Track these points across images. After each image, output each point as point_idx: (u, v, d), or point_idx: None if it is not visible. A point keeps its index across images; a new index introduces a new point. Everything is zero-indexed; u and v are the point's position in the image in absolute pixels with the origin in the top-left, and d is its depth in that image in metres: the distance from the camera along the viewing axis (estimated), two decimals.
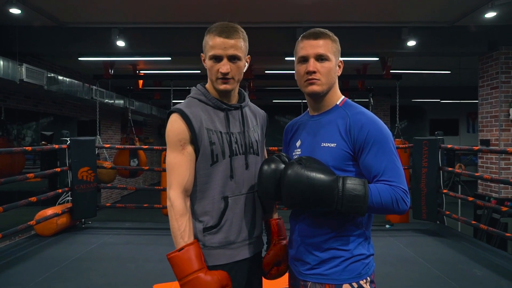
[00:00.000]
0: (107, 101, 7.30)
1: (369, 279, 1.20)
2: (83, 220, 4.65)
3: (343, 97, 1.31)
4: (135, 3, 4.66)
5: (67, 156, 4.41)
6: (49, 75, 5.48)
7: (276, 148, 4.67)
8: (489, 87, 5.53)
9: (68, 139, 4.42)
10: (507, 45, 5.27)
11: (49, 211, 4.10)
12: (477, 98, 5.87)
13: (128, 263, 3.35)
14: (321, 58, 1.23)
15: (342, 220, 1.19)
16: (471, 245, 3.84)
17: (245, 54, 1.32)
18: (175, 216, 1.22)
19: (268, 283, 1.48)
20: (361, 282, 1.18)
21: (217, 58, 1.26)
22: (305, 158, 1.16)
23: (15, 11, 4.65)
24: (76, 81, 6.40)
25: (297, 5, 4.70)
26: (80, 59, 6.32)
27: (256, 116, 1.45)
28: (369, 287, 1.19)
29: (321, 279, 1.19)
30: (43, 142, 8.10)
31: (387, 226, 4.65)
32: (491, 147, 5.25)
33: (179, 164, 1.24)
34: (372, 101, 7.43)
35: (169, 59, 6.10)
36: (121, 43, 5.36)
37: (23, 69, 4.79)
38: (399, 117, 6.57)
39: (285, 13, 5.02)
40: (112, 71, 7.07)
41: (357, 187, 1.09)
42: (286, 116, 13.75)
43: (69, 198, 4.49)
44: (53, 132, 8.49)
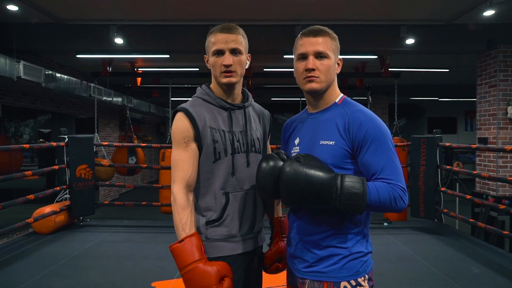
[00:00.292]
0: (105, 98, 7.28)
1: (367, 276, 1.20)
2: (81, 218, 4.64)
3: (342, 95, 1.31)
4: (133, 0, 4.64)
5: (65, 153, 4.40)
6: (46, 73, 5.46)
7: (275, 146, 4.67)
8: (487, 85, 5.54)
9: (66, 136, 4.41)
10: (506, 43, 5.28)
11: (47, 209, 4.09)
12: (475, 96, 5.88)
13: (126, 261, 3.35)
14: (320, 55, 1.23)
15: (340, 218, 1.19)
16: (469, 243, 3.85)
17: (246, 50, 1.38)
18: (177, 209, 1.27)
19: (267, 280, 1.49)
20: (359, 279, 1.18)
21: (219, 52, 1.32)
22: (304, 155, 1.16)
23: (12, 7, 4.63)
24: (74, 79, 6.38)
25: (296, 3, 4.69)
26: (78, 56, 6.29)
27: (259, 115, 1.49)
28: (367, 284, 1.19)
29: (319, 276, 1.19)
30: (41, 139, 8.09)
31: (385, 224, 4.66)
32: (489, 145, 5.26)
33: (183, 160, 1.30)
34: (370, 99, 7.43)
35: (168, 56, 6.08)
36: (119, 41, 5.34)
37: (21, 66, 4.77)
38: (398, 115, 6.58)
39: (284, 11, 5.01)
40: (110, 69, 7.05)
41: (356, 185, 1.09)
42: (284, 114, 13.75)
43: (67, 195, 4.48)
44: (51, 129, 8.47)
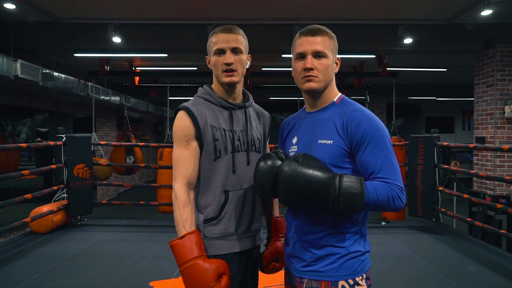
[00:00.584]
0: (103, 97, 7.26)
1: (365, 276, 1.20)
2: (79, 217, 4.63)
3: (340, 94, 1.31)
4: None
5: (62, 153, 4.39)
6: (44, 71, 5.44)
7: (273, 145, 4.66)
8: (485, 85, 5.56)
9: (63, 135, 4.40)
10: (503, 43, 5.29)
11: (45, 208, 4.08)
12: (472, 95, 5.90)
13: (124, 260, 3.34)
14: (319, 55, 1.22)
15: (338, 217, 1.19)
16: (466, 242, 3.86)
17: (247, 51, 1.42)
18: (178, 206, 1.29)
19: (265, 279, 1.49)
20: (357, 279, 1.18)
21: (221, 51, 1.35)
22: (302, 155, 1.16)
23: (9, 6, 4.61)
24: (71, 78, 6.36)
25: (294, 2, 4.69)
26: (75, 55, 6.27)
27: (259, 116, 1.51)
28: (364, 284, 1.19)
29: (317, 276, 1.19)
30: (38, 138, 8.06)
31: (383, 223, 4.67)
32: (486, 145, 5.28)
33: (184, 158, 1.32)
34: (368, 98, 7.44)
35: (166, 55, 6.07)
36: (117, 39, 5.32)
37: (18, 65, 4.75)
38: (396, 114, 6.59)
39: (282, 10, 5.01)
40: (108, 68, 7.03)
41: (354, 184, 1.09)
42: (283, 113, 13.75)
43: (65, 195, 4.46)
44: (49, 128, 8.44)
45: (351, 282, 1.17)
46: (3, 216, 5.59)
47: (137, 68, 8.26)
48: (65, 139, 4.37)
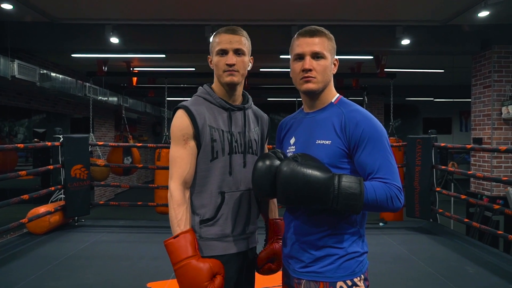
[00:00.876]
0: (100, 98, 7.25)
1: (363, 276, 1.20)
2: (76, 218, 4.61)
3: (338, 95, 1.31)
4: None
5: (60, 153, 4.38)
6: (41, 72, 5.42)
7: (271, 146, 4.67)
8: (482, 86, 5.58)
9: (61, 136, 4.39)
10: (500, 44, 5.31)
11: (42, 209, 4.06)
12: (470, 96, 5.92)
13: (121, 261, 3.33)
14: (317, 56, 1.23)
15: (336, 218, 1.19)
16: (464, 243, 3.87)
17: (249, 53, 1.42)
18: (173, 205, 1.28)
19: (263, 280, 1.49)
20: (355, 279, 1.18)
21: (223, 52, 1.35)
22: (301, 155, 1.16)
23: (6, 6, 4.59)
24: (69, 78, 6.34)
25: (292, 3, 4.69)
26: (73, 55, 6.26)
27: (258, 118, 1.51)
28: (363, 284, 1.19)
29: (315, 277, 1.19)
30: (36, 139, 8.03)
31: (381, 224, 4.67)
32: (484, 146, 5.29)
33: (181, 157, 1.31)
34: (366, 99, 7.46)
35: (164, 56, 6.06)
36: (114, 40, 5.31)
37: (15, 66, 4.74)
38: (393, 115, 6.61)
39: (280, 11, 5.01)
40: (105, 68, 7.02)
41: (353, 185, 1.09)
42: (281, 114, 13.75)
43: (62, 196, 4.45)
44: (46, 129, 8.42)
45: (349, 283, 1.17)
46: (0, 217, 5.56)
47: (135, 68, 8.24)
48: (62, 139, 4.36)
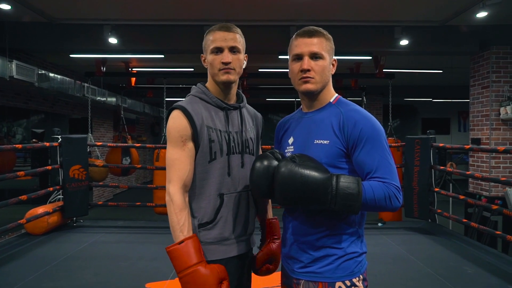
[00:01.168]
0: (99, 98, 7.24)
1: (361, 277, 1.20)
2: (75, 218, 4.60)
3: (337, 94, 1.31)
4: None
5: (58, 154, 4.37)
6: (39, 72, 5.41)
7: (269, 146, 4.66)
8: (480, 87, 5.59)
9: (59, 136, 4.38)
10: (498, 45, 5.33)
11: (40, 210, 4.05)
12: (468, 97, 5.93)
13: (120, 262, 3.33)
14: (315, 56, 1.23)
15: (335, 218, 1.19)
16: (462, 243, 3.88)
17: (244, 50, 1.38)
18: (175, 210, 1.23)
19: (262, 280, 1.49)
20: (354, 280, 1.18)
21: (218, 50, 1.31)
22: (299, 155, 1.16)
23: (4, 6, 4.58)
24: (67, 78, 6.33)
25: (291, 4, 4.69)
26: (71, 56, 6.24)
27: (253, 117, 1.49)
28: (361, 285, 1.19)
29: (314, 277, 1.19)
30: (34, 139, 8.02)
31: (380, 224, 4.68)
32: (482, 146, 5.31)
33: (179, 159, 1.26)
34: (365, 99, 7.46)
35: (162, 56, 6.05)
36: (113, 40, 5.30)
37: (13, 66, 4.73)
38: (392, 116, 6.61)
39: (279, 11, 5.01)
40: (104, 69, 7.00)
41: (351, 185, 1.09)
42: (279, 114, 13.76)
43: (60, 196, 4.44)
44: (44, 129, 8.41)
45: (348, 283, 1.17)
46: None
47: (134, 69, 8.23)
48: (60, 140, 4.35)
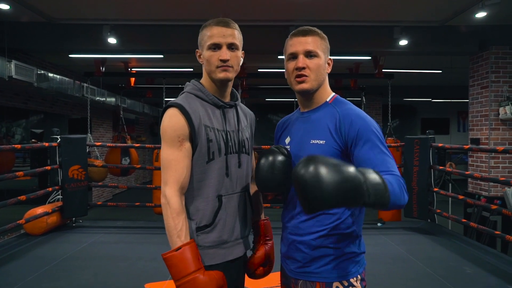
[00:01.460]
0: (98, 98, 7.23)
1: (359, 277, 1.20)
2: (74, 219, 4.60)
3: (333, 94, 1.31)
4: None
5: (57, 154, 4.36)
6: (39, 72, 5.41)
7: (269, 146, 4.66)
8: (480, 87, 5.59)
9: (58, 137, 4.37)
10: (497, 45, 5.33)
11: (39, 210, 4.05)
12: (467, 97, 5.93)
13: (119, 262, 3.33)
14: (310, 54, 1.23)
15: (332, 218, 1.19)
16: (461, 243, 3.88)
17: (241, 46, 1.33)
18: (172, 214, 1.17)
19: (262, 280, 1.48)
20: (352, 280, 1.18)
21: (216, 46, 1.26)
22: (316, 157, 0.99)
23: (3, 6, 4.58)
24: (66, 79, 6.33)
25: (290, 4, 4.69)
26: (70, 56, 6.24)
27: (246, 116, 1.45)
28: (359, 285, 1.19)
29: (311, 277, 1.19)
30: (33, 140, 8.01)
31: (379, 224, 4.68)
32: (481, 146, 5.31)
33: (176, 160, 1.20)
34: (364, 100, 7.46)
35: (162, 56, 6.05)
36: (112, 40, 5.30)
37: (12, 66, 4.73)
38: (391, 116, 6.61)
39: (278, 12, 5.01)
40: (103, 69, 7.00)
41: (376, 176, 0.97)
42: (279, 114, 13.76)
43: (60, 196, 4.44)
44: (44, 130, 8.40)
45: (345, 283, 1.17)
46: None
47: (133, 69, 8.23)
48: (60, 140, 4.35)
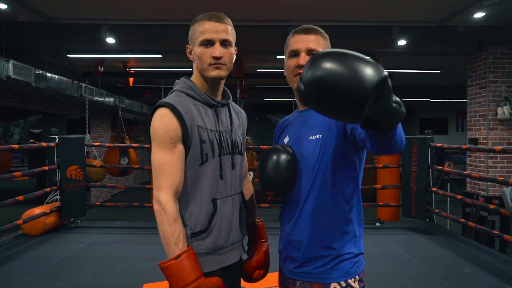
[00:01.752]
0: (96, 98, 7.22)
1: (357, 277, 1.19)
2: (72, 219, 4.58)
3: None
4: None
5: (55, 154, 4.35)
6: (37, 72, 5.40)
7: (268, 147, 4.66)
8: (478, 87, 5.60)
9: (56, 137, 4.36)
10: (496, 45, 5.34)
11: (37, 210, 4.03)
12: (466, 97, 5.94)
13: (117, 263, 3.32)
14: (312, 53, 1.22)
15: (331, 218, 1.19)
16: (460, 243, 3.88)
17: (235, 42, 1.28)
18: (168, 221, 1.11)
19: (263, 280, 1.46)
20: (350, 281, 1.17)
21: (209, 42, 1.20)
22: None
23: (1, 5, 4.57)
24: (65, 78, 6.32)
25: (289, 4, 4.69)
26: (69, 56, 6.23)
27: (238, 115, 1.39)
28: (357, 285, 1.18)
29: (309, 277, 1.18)
30: (31, 140, 7.99)
31: (378, 224, 4.68)
32: (479, 146, 5.32)
33: (169, 164, 1.14)
34: None
35: (160, 56, 6.05)
36: (111, 40, 5.29)
37: (10, 66, 4.72)
38: None
39: (277, 11, 5.01)
40: (102, 69, 6.99)
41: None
42: (278, 114, 13.76)
43: (58, 197, 4.42)
44: (42, 130, 8.37)
45: (343, 284, 1.16)
46: None
47: (131, 69, 8.22)
48: (58, 140, 4.34)
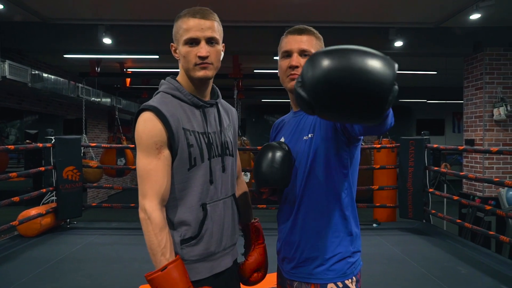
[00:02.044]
0: (93, 99, 7.20)
1: (354, 278, 1.19)
2: (68, 220, 4.56)
3: None
4: None
5: (51, 155, 4.33)
6: (33, 72, 5.37)
7: None
8: (474, 88, 5.63)
9: (52, 137, 4.34)
10: (492, 47, 5.37)
11: (33, 211, 4.01)
12: (462, 98, 5.96)
13: (114, 264, 3.31)
14: (304, 53, 1.22)
15: (326, 217, 1.19)
16: (456, 243, 3.89)
17: (222, 39, 1.22)
18: (154, 230, 1.07)
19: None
20: (347, 281, 1.17)
21: (193, 41, 1.14)
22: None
23: None
24: (61, 79, 6.29)
25: (286, 4, 4.70)
26: (65, 56, 6.21)
27: (228, 114, 1.34)
28: (354, 286, 1.19)
29: (306, 278, 1.18)
30: (28, 140, 7.95)
31: (374, 225, 4.69)
32: (476, 147, 5.34)
33: (155, 170, 1.10)
34: None
35: (157, 57, 6.04)
36: (107, 41, 5.27)
37: (6, 66, 4.69)
38: None
39: (273, 12, 5.02)
40: (98, 69, 6.98)
41: None
42: (275, 115, 13.75)
43: (54, 197, 4.40)
44: (38, 130, 8.34)
45: (340, 284, 1.16)
46: None
47: (128, 69, 8.21)
48: (54, 141, 4.32)
